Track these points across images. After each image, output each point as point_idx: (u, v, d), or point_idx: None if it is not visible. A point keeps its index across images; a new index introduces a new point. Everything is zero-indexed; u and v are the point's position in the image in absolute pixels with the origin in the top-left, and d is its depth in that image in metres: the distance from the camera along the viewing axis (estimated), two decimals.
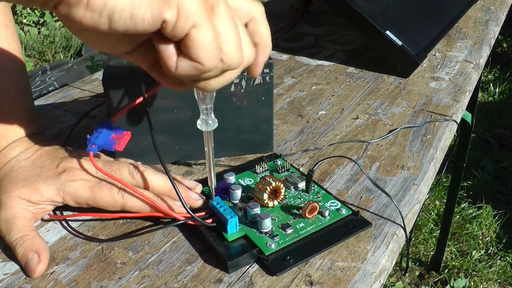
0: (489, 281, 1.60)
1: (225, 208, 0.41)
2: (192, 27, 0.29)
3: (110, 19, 0.27)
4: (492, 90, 2.71)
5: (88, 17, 0.27)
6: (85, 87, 0.73)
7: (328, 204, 0.45)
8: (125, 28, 0.27)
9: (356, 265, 0.39)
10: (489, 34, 0.94)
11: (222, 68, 0.31)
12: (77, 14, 0.27)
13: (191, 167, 0.52)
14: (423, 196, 0.50)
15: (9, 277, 0.39)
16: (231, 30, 0.31)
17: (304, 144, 0.57)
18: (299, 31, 0.96)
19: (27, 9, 3.28)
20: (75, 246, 0.42)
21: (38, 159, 0.45)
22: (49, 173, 0.44)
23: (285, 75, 0.77)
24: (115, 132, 0.45)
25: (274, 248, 0.40)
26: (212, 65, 0.30)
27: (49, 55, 3.12)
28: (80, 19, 0.27)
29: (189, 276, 0.38)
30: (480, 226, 1.80)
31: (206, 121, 0.39)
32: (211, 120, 0.39)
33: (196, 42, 0.29)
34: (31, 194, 0.42)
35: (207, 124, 0.39)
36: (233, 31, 0.31)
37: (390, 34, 0.74)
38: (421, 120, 0.62)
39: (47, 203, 0.43)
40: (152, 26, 0.28)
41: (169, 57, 0.30)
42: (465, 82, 0.74)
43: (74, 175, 0.43)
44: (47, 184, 0.43)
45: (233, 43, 0.31)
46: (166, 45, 0.30)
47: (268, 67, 0.50)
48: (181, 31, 0.28)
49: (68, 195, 0.43)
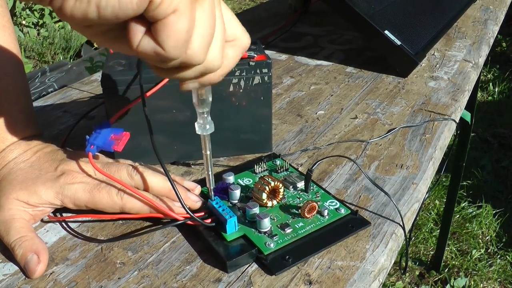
0: (489, 280, 1.60)
1: (224, 208, 0.42)
2: (172, 12, 0.28)
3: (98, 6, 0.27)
4: (491, 89, 2.71)
5: (77, 7, 0.27)
6: (84, 88, 0.73)
7: (327, 204, 0.45)
8: (114, 14, 0.27)
9: (355, 264, 0.39)
10: (488, 34, 0.94)
11: (182, 61, 0.30)
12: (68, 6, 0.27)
13: (190, 167, 0.52)
14: (422, 195, 0.50)
15: (9, 278, 0.39)
16: (207, 26, 0.30)
17: (303, 144, 0.57)
18: (298, 31, 0.96)
19: (26, 11, 3.28)
20: (75, 246, 0.42)
21: (37, 162, 0.45)
22: (47, 175, 0.44)
23: (284, 75, 0.77)
24: (113, 132, 0.45)
25: (273, 248, 0.40)
26: (174, 55, 0.29)
27: (49, 56, 3.12)
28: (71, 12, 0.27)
29: (188, 276, 0.38)
30: (480, 225, 1.80)
31: (203, 125, 0.39)
32: (208, 124, 0.39)
33: (169, 28, 0.28)
34: (30, 197, 0.42)
35: (204, 128, 0.39)
36: (209, 28, 0.30)
37: (389, 34, 0.74)
38: (420, 120, 0.62)
39: (45, 205, 0.43)
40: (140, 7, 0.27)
41: (136, 33, 0.29)
42: (464, 82, 0.74)
43: (72, 178, 0.43)
44: (46, 187, 0.43)
45: (204, 40, 0.30)
46: (136, 22, 0.28)
47: (267, 67, 0.50)
48: (162, 13, 0.27)
49: (67, 198, 0.43)
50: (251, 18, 1.05)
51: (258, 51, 0.52)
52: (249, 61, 0.50)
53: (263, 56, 0.51)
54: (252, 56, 0.50)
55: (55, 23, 3.35)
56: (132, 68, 0.49)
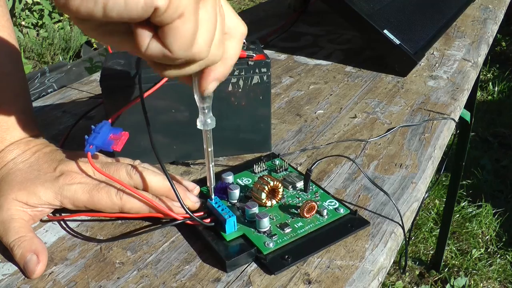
0: (489, 279, 1.60)
1: (223, 208, 0.42)
2: (178, 17, 0.29)
3: (105, 7, 0.27)
4: (491, 89, 2.71)
5: (84, 5, 0.27)
6: (84, 88, 0.73)
7: (326, 204, 0.45)
8: (119, 16, 0.28)
9: (354, 264, 0.39)
10: (487, 33, 0.94)
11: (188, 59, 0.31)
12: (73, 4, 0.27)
13: (189, 167, 0.52)
14: (422, 194, 0.50)
15: (8, 278, 0.39)
16: (210, 25, 0.31)
17: (302, 143, 0.57)
18: (297, 30, 0.96)
19: (26, 11, 3.28)
20: (74, 246, 0.42)
21: (36, 162, 0.45)
22: (46, 176, 0.44)
23: (283, 74, 0.77)
24: (113, 132, 0.45)
25: (272, 247, 0.40)
26: (181, 55, 0.30)
27: (48, 57, 3.12)
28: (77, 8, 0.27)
29: (188, 276, 0.38)
30: (480, 224, 1.80)
31: (204, 120, 0.39)
32: (209, 119, 0.39)
33: (176, 32, 0.29)
34: (29, 197, 0.42)
35: (205, 123, 0.39)
36: (212, 26, 0.31)
37: (388, 33, 0.74)
38: (419, 119, 0.62)
39: (44, 206, 0.43)
40: (145, 13, 0.28)
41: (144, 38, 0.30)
42: (463, 81, 0.74)
43: (72, 179, 0.43)
44: (45, 187, 0.43)
45: (208, 38, 0.31)
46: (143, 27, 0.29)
47: (266, 66, 0.50)
48: (168, 19, 0.28)
49: (66, 199, 0.43)
50: (250, 18, 1.05)
51: (257, 51, 0.52)
52: (248, 60, 0.50)
53: (262, 56, 0.51)
54: (251, 56, 0.50)
55: (54, 24, 3.35)
56: (131, 68, 0.49)
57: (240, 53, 0.37)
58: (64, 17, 3.46)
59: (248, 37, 0.41)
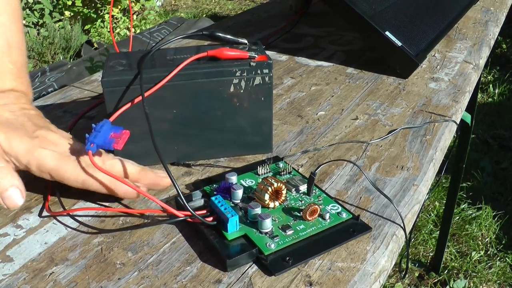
0: (488, 282, 1.60)
1: (226, 207, 0.41)
2: None
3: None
4: (491, 91, 2.71)
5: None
6: (85, 87, 0.73)
7: (329, 208, 0.45)
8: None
9: (355, 266, 0.39)
10: (488, 35, 0.94)
11: None
12: None
13: (190, 167, 0.52)
14: (423, 197, 0.50)
15: (8, 278, 0.39)
16: None
17: (304, 145, 0.57)
18: (298, 32, 0.96)
19: (26, 10, 3.28)
20: (74, 246, 0.42)
21: (21, 118, 0.46)
22: (26, 133, 0.45)
23: (284, 75, 0.77)
24: (113, 131, 0.45)
25: (273, 249, 0.40)
26: None
27: (49, 56, 3.12)
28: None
29: (189, 277, 0.38)
30: (480, 227, 1.80)
31: None
32: None
33: None
34: (4, 140, 0.43)
35: None
36: None
37: (390, 35, 0.74)
38: (421, 121, 0.62)
39: (12, 158, 0.44)
40: None
41: None
42: (464, 83, 0.74)
43: (46, 144, 0.44)
44: (20, 140, 0.44)
45: None
46: None
47: (268, 67, 0.50)
48: None
49: (34, 160, 0.44)
50: (251, 19, 1.05)
51: (259, 52, 0.51)
52: (250, 61, 0.50)
53: (264, 57, 0.51)
54: (253, 57, 0.50)
55: (55, 23, 3.35)
56: (132, 68, 0.49)
57: None
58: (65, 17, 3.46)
59: (250, 38, 0.41)
